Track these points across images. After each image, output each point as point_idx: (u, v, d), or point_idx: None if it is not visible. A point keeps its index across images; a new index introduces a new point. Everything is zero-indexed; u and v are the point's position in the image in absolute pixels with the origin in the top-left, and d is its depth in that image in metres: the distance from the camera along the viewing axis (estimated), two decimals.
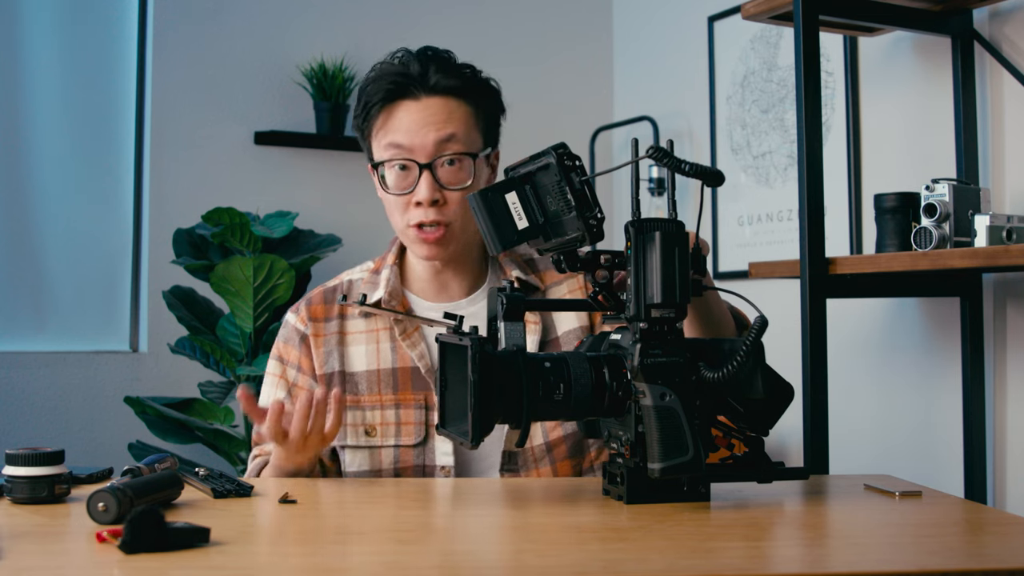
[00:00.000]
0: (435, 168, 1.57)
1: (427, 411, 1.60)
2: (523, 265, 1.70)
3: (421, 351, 1.62)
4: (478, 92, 1.62)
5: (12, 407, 3.07)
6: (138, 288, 3.30)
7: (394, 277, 1.67)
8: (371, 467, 1.60)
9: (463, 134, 1.58)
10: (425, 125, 1.57)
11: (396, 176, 1.59)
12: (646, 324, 1.20)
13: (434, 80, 1.57)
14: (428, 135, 1.56)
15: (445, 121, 1.57)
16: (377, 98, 1.59)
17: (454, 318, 1.27)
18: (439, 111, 1.57)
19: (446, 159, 1.57)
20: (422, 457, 1.60)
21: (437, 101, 1.58)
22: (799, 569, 1.00)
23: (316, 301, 1.69)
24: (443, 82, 1.58)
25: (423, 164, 1.57)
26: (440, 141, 1.57)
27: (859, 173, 2.78)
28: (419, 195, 1.57)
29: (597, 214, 1.21)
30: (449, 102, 1.58)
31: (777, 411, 1.26)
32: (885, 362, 2.68)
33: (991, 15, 2.41)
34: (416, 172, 1.57)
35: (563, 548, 1.05)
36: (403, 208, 1.59)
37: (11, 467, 1.23)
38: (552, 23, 3.82)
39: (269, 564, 1.01)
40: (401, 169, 1.58)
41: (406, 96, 1.58)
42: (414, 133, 1.57)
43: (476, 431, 1.15)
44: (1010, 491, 2.37)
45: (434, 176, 1.57)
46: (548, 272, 1.70)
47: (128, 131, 3.33)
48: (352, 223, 3.36)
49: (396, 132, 1.58)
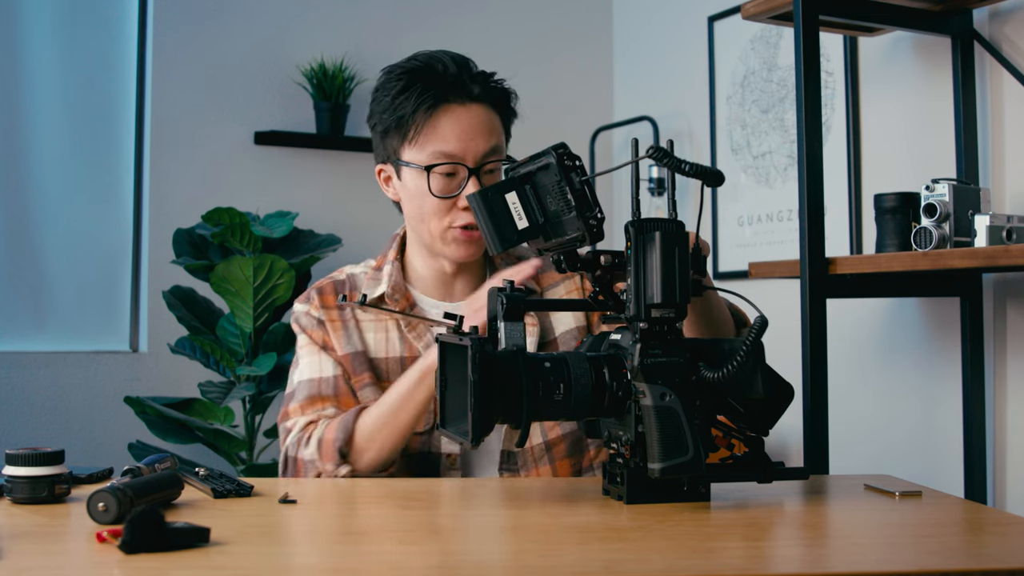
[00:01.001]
0: (480, 174, 1.60)
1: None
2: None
3: (428, 342, 1.64)
4: (506, 103, 1.67)
5: (12, 407, 3.07)
6: (138, 288, 3.30)
7: (396, 273, 1.68)
8: None
9: (502, 144, 1.65)
10: (475, 132, 1.60)
11: (441, 180, 1.60)
12: (646, 324, 1.20)
13: (476, 89, 1.61)
14: (479, 143, 1.60)
15: (491, 131, 1.62)
16: (426, 101, 1.58)
17: (454, 318, 1.27)
18: (485, 119, 1.61)
19: (489, 166, 1.61)
20: (427, 444, 1.61)
21: (481, 109, 1.61)
22: (799, 569, 1.00)
23: (327, 291, 1.70)
24: (484, 93, 1.61)
25: (472, 169, 1.59)
26: (488, 150, 1.60)
27: (859, 173, 2.78)
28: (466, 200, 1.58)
29: (597, 214, 1.21)
30: (489, 112, 1.62)
31: (777, 411, 1.26)
32: (885, 362, 2.68)
33: (991, 15, 2.41)
34: (461, 177, 1.59)
35: (563, 548, 1.05)
36: (445, 211, 1.61)
37: (11, 467, 1.23)
38: (552, 23, 3.82)
39: (269, 564, 1.01)
40: (447, 175, 1.60)
41: (453, 101, 1.59)
42: (466, 141, 1.59)
43: (476, 431, 1.15)
44: (1010, 491, 2.37)
45: (480, 181, 1.60)
46: (546, 275, 1.71)
47: (128, 131, 3.33)
48: (352, 223, 3.37)
49: (446, 140, 1.59)
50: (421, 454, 1.61)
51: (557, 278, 1.70)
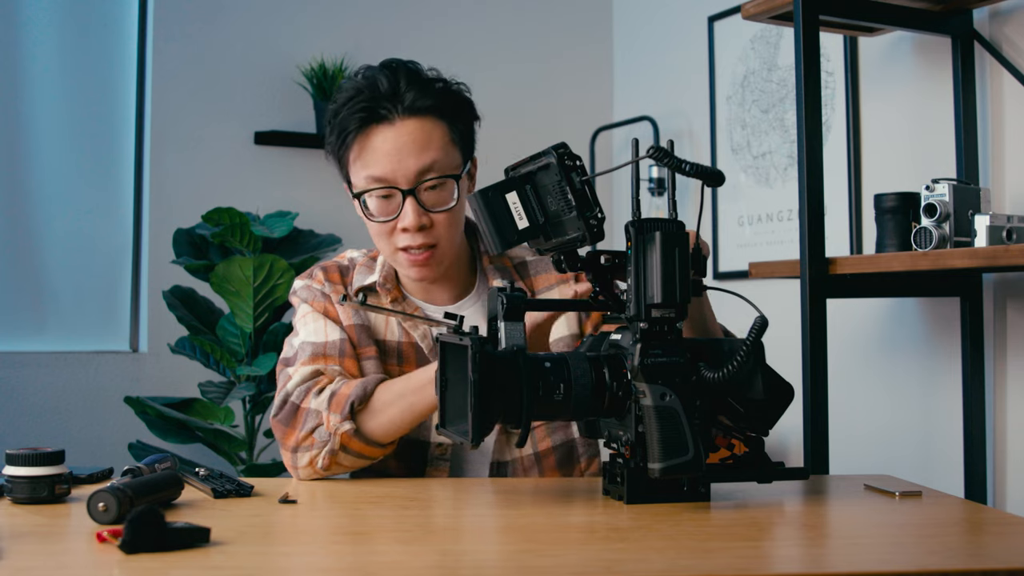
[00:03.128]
0: (418, 193, 1.53)
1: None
2: (511, 271, 1.69)
3: (424, 331, 1.63)
4: (453, 108, 1.56)
5: (12, 407, 3.07)
6: (138, 288, 3.30)
7: (389, 265, 1.67)
8: None
9: (442, 157, 1.54)
10: (404, 152, 1.52)
11: (379, 204, 1.55)
12: (646, 324, 1.20)
13: (408, 100, 1.52)
14: (408, 163, 1.52)
15: (424, 147, 1.52)
16: (352, 126, 1.53)
17: (454, 318, 1.27)
18: (416, 135, 1.52)
19: (429, 184, 1.54)
20: (417, 431, 1.59)
21: (413, 123, 1.52)
22: (799, 569, 1.00)
23: (332, 271, 1.68)
24: (418, 102, 1.52)
25: (406, 191, 1.53)
26: (421, 168, 1.52)
27: (859, 173, 2.78)
28: (405, 221, 1.53)
29: (597, 214, 1.22)
30: (425, 123, 1.53)
31: (777, 411, 1.26)
32: (885, 362, 2.68)
33: (991, 15, 2.41)
34: (399, 198, 1.54)
35: (563, 548, 1.05)
36: (388, 233, 1.56)
37: (11, 467, 1.23)
38: (552, 23, 3.82)
39: (269, 564, 1.01)
40: (383, 198, 1.55)
41: (380, 121, 1.52)
42: (394, 163, 1.52)
43: (476, 431, 1.15)
44: (1010, 491, 2.37)
45: (418, 201, 1.53)
46: (539, 277, 1.69)
47: (128, 131, 3.33)
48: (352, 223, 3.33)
49: (375, 164, 1.53)
50: (411, 440, 1.59)
51: (552, 280, 1.68)
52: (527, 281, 1.69)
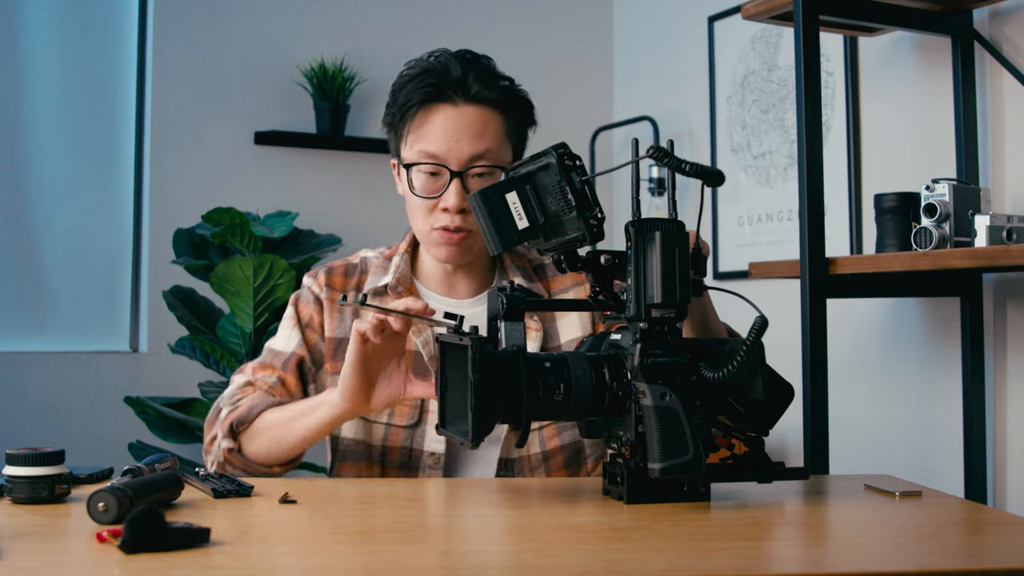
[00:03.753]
0: (466, 177, 1.57)
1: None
2: (530, 272, 1.70)
3: (426, 338, 1.63)
4: (514, 106, 1.62)
5: (12, 407, 3.07)
6: (138, 288, 3.30)
7: (404, 265, 1.68)
8: (363, 438, 1.61)
9: (496, 148, 1.58)
10: (461, 135, 1.56)
11: (425, 180, 1.59)
12: (646, 324, 1.20)
13: (474, 89, 1.57)
14: (463, 146, 1.56)
15: (480, 134, 1.57)
16: (416, 99, 1.57)
17: (454, 318, 1.27)
18: (476, 122, 1.57)
19: (477, 171, 1.57)
20: (411, 440, 1.59)
21: (475, 111, 1.57)
22: (799, 569, 1.00)
23: (337, 272, 1.70)
24: (483, 92, 1.57)
25: (455, 172, 1.56)
26: (474, 154, 1.56)
27: (859, 173, 2.78)
28: (447, 201, 1.57)
29: (597, 214, 1.21)
30: (485, 113, 1.58)
31: (777, 411, 1.26)
32: (885, 362, 2.68)
33: (991, 15, 2.41)
34: (445, 178, 1.57)
35: (564, 548, 1.05)
36: (428, 211, 1.59)
37: (11, 467, 1.23)
38: (552, 23, 3.82)
39: (269, 564, 1.01)
40: (430, 175, 1.58)
41: (444, 100, 1.57)
42: (450, 142, 1.56)
43: (476, 431, 1.15)
44: (1010, 491, 2.37)
45: (464, 184, 1.57)
46: (556, 279, 1.70)
47: (128, 131, 3.33)
48: (352, 223, 3.37)
49: (431, 141, 1.57)
50: (403, 449, 1.60)
51: (568, 283, 1.69)
52: (544, 283, 1.70)
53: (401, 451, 1.60)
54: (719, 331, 1.51)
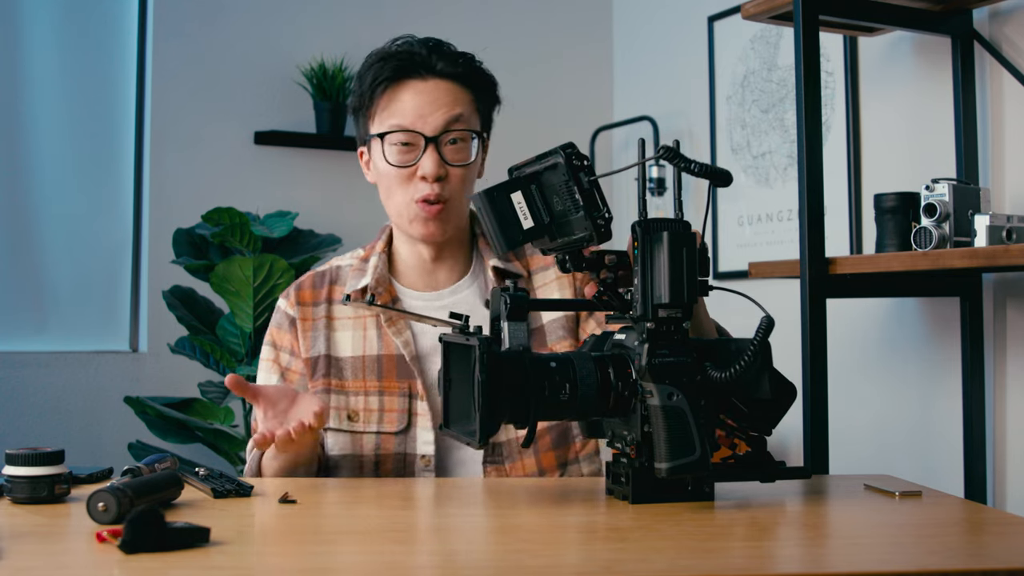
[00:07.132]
0: (440, 144, 1.60)
1: (410, 399, 1.61)
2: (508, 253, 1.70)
3: (406, 339, 1.62)
4: (479, 80, 1.66)
5: (12, 407, 3.07)
6: (138, 288, 3.30)
7: (382, 265, 1.68)
8: (352, 451, 1.61)
9: (467, 115, 1.62)
10: (433, 105, 1.60)
11: (399, 151, 1.60)
12: (653, 324, 1.20)
13: (440, 65, 1.61)
14: (436, 115, 1.59)
15: (452, 103, 1.61)
16: (385, 74, 1.60)
17: (460, 318, 1.26)
18: (445, 93, 1.61)
19: (451, 136, 1.60)
20: (403, 445, 1.60)
21: (443, 84, 1.61)
22: (799, 569, 1.00)
23: (306, 286, 1.71)
24: (448, 68, 1.62)
25: (429, 138, 1.59)
26: (448, 119, 1.60)
27: (859, 173, 2.78)
28: (424, 169, 1.59)
29: (605, 214, 1.22)
30: (453, 86, 1.62)
31: (781, 411, 1.26)
32: (885, 362, 2.68)
33: (991, 15, 2.41)
34: (419, 149, 1.59)
35: (564, 548, 1.05)
36: (404, 183, 1.61)
37: (11, 467, 1.23)
38: (552, 23, 3.82)
39: (269, 564, 1.01)
40: (404, 145, 1.60)
41: (413, 76, 1.61)
42: (424, 113, 1.59)
43: (483, 431, 1.15)
44: (1010, 491, 2.37)
45: (439, 152, 1.59)
46: (534, 257, 1.71)
47: (128, 131, 3.33)
48: (352, 223, 3.36)
49: (403, 113, 1.60)
50: (396, 455, 1.60)
51: (549, 260, 1.69)
52: (523, 261, 1.71)
53: (395, 458, 1.60)
54: (709, 329, 1.52)
